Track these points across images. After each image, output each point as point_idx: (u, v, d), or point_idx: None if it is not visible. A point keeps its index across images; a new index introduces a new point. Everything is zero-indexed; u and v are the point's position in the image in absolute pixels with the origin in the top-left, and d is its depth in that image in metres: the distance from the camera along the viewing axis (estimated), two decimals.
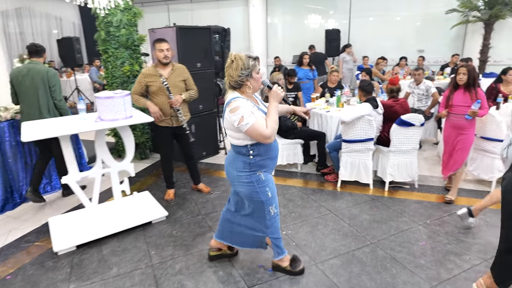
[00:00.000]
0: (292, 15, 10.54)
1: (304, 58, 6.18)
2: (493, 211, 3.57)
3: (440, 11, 8.69)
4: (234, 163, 2.35)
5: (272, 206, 2.43)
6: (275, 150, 2.37)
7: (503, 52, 8.63)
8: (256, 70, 2.20)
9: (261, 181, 2.34)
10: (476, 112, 3.49)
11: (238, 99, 2.16)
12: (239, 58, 2.14)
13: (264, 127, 2.14)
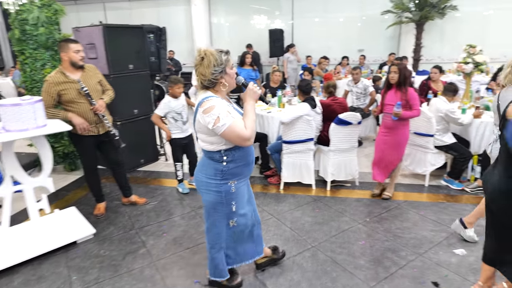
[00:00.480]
0: (236, 15, 10.43)
1: (247, 58, 6.04)
2: (428, 205, 3.69)
3: (376, 12, 9.08)
4: (204, 169, 2.17)
5: (232, 220, 2.27)
6: (251, 155, 2.20)
7: (434, 51, 9.23)
8: (230, 65, 2.01)
9: (230, 193, 2.16)
10: (398, 113, 3.43)
11: (212, 98, 1.96)
12: (210, 53, 1.94)
13: (242, 128, 1.95)
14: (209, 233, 2.32)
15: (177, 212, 3.71)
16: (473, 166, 4.12)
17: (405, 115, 3.48)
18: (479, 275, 2.58)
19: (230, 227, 2.29)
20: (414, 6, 8.27)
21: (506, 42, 9.06)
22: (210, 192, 2.15)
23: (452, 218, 3.38)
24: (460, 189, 3.97)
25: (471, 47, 4.48)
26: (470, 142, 4.09)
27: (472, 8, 8.91)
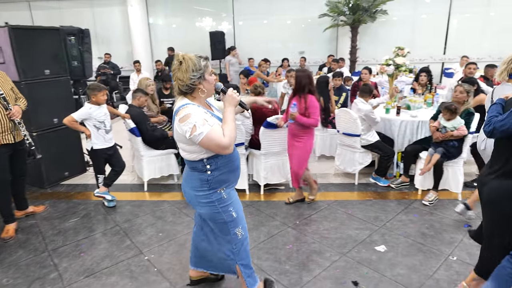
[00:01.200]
0: (176, 17, 10.16)
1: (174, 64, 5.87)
2: (356, 203, 3.79)
3: (315, 15, 9.32)
4: (190, 182, 2.06)
5: (238, 228, 2.15)
6: (236, 160, 2.11)
7: (369, 53, 9.68)
8: (209, 71, 1.95)
9: (223, 200, 2.05)
10: (293, 115, 3.39)
11: (188, 106, 1.87)
12: (189, 58, 1.87)
13: (220, 136, 1.85)
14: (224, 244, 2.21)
15: (100, 228, 3.45)
16: (397, 163, 4.32)
17: (300, 119, 3.39)
18: (397, 270, 2.69)
19: (239, 237, 2.17)
20: (348, 10, 8.61)
21: (432, 44, 9.80)
22: (202, 204, 2.06)
23: (376, 215, 3.51)
24: (387, 186, 4.13)
25: (400, 49, 4.71)
26: (394, 140, 4.29)
27: (401, 13, 9.49)
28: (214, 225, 2.16)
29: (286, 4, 9.48)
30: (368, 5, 8.34)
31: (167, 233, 3.32)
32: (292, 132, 3.60)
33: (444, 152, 3.67)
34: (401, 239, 3.08)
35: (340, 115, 4.18)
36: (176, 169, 4.42)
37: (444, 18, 9.61)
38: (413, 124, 4.18)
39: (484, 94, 4.37)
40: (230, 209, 2.09)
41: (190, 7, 9.84)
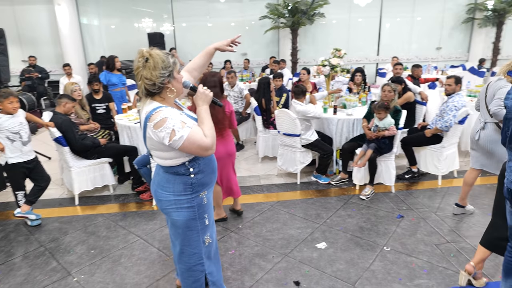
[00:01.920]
0: (112, 18, 9.61)
1: (117, 62, 5.52)
2: (298, 202, 3.82)
3: (256, 18, 9.41)
4: (170, 186, 1.89)
5: (206, 235, 2.04)
6: (214, 161, 2.02)
7: (310, 54, 10.00)
8: (177, 68, 1.78)
9: (203, 206, 1.96)
10: None
11: (161, 109, 1.69)
12: (156, 54, 1.68)
13: (202, 137, 1.72)
14: (183, 256, 2.05)
15: (20, 251, 3.09)
16: (336, 160, 4.46)
17: None
18: (336, 265, 2.74)
19: (206, 245, 2.06)
20: (287, 12, 8.80)
21: (366, 46, 10.40)
22: (182, 209, 1.91)
23: (317, 212, 3.58)
24: (327, 183, 4.25)
25: (337, 50, 4.85)
26: (332, 139, 4.42)
27: (337, 16, 9.93)
28: (181, 230, 1.99)
29: (228, 6, 9.45)
30: (306, 8, 8.59)
31: (100, 249, 3.07)
32: None
33: (377, 148, 3.86)
34: (340, 235, 3.17)
35: (280, 116, 4.21)
36: (111, 179, 4.14)
37: (377, 22, 10.24)
38: (349, 122, 4.35)
39: (411, 92, 4.69)
40: (205, 216, 2.00)
41: (128, 7, 9.36)
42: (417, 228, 3.22)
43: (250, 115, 5.68)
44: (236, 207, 3.60)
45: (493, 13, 9.81)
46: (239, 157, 5.32)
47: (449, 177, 4.26)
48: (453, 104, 3.81)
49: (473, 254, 2.79)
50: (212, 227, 2.11)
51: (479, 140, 3.12)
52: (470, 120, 4.59)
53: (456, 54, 10.82)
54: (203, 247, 2.05)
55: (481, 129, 3.10)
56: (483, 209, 3.52)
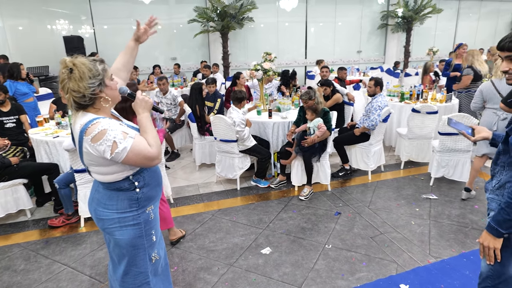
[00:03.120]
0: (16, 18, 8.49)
1: (22, 69, 4.91)
2: (240, 209, 3.77)
3: (184, 21, 9.16)
4: (113, 204, 1.72)
5: (153, 253, 1.89)
6: (159, 172, 1.90)
7: (241, 58, 10.06)
8: (108, 75, 1.62)
9: (149, 222, 1.81)
10: None
11: (98, 120, 1.53)
12: (81, 63, 1.52)
13: (146, 146, 1.60)
14: (127, 277, 1.85)
15: None
16: (274, 163, 4.52)
17: None
18: (282, 270, 2.74)
19: (153, 263, 1.90)
20: (216, 16, 8.74)
21: (295, 50, 10.81)
22: (127, 227, 1.75)
23: (260, 217, 3.56)
24: (267, 187, 4.27)
25: (268, 54, 4.90)
26: (269, 142, 4.46)
27: (266, 20, 10.15)
28: (125, 250, 1.80)
29: (153, 8, 9.02)
30: (234, 12, 8.61)
31: (17, 286, 2.67)
32: None
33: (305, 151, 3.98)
34: (284, 238, 3.19)
35: (216, 122, 4.12)
36: (27, 202, 3.65)
37: (303, 26, 10.71)
38: (285, 125, 4.44)
39: (339, 93, 4.95)
40: (152, 232, 1.85)
41: (37, 7, 8.37)
42: (354, 223, 3.39)
43: (184, 122, 5.49)
44: (170, 237, 3.20)
45: (403, 20, 10.93)
46: (175, 166, 5.10)
47: (377, 171, 4.59)
48: (377, 105, 4.11)
49: (404, 243, 3.03)
50: (160, 243, 1.98)
51: (497, 130, 3.45)
52: (392, 118, 5.03)
53: (374, 56, 11.82)
54: (149, 265, 1.89)
55: (499, 120, 3.48)
56: (408, 199, 3.84)
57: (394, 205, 3.74)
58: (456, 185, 4.10)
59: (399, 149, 4.89)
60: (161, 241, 2.00)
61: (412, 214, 3.52)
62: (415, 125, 4.50)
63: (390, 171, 4.65)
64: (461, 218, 3.43)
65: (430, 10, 10.71)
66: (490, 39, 12.69)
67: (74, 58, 1.56)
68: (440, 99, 5.13)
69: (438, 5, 10.87)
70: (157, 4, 8.83)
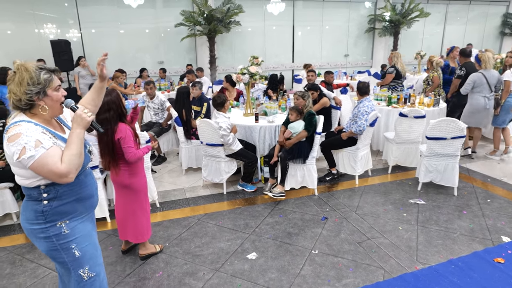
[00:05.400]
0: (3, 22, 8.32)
1: (8, 75, 4.81)
2: (226, 213, 3.73)
3: (171, 25, 9.10)
4: (24, 213, 1.74)
5: (83, 269, 1.82)
6: (87, 186, 1.83)
7: (228, 62, 10.05)
8: (54, 86, 1.66)
9: (63, 236, 1.73)
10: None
11: (21, 123, 1.58)
12: (25, 69, 1.59)
13: (56, 161, 1.57)
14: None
15: None
16: (261, 167, 4.50)
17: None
18: (268, 275, 2.72)
19: (85, 280, 1.83)
20: (203, 20, 8.70)
21: (282, 53, 10.85)
22: (39, 239, 1.73)
23: (246, 222, 3.54)
24: (253, 191, 4.25)
25: (255, 58, 4.89)
26: (256, 146, 4.45)
27: (253, 24, 10.17)
28: (55, 263, 1.84)
29: (140, 12, 8.94)
30: (221, 16, 8.60)
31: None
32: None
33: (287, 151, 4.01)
34: (270, 243, 3.17)
35: (202, 126, 4.09)
36: (13, 205, 3.58)
37: (290, 30, 10.76)
38: (271, 129, 4.43)
39: (326, 97, 4.98)
40: (72, 247, 1.77)
41: (23, 11, 8.21)
42: (341, 228, 3.39)
43: (171, 126, 5.44)
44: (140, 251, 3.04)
45: (390, 23, 11.08)
46: (162, 170, 5.05)
47: (364, 176, 4.62)
48: (364, 109, 4.14)
49: (391, 249, 3.04)
50: (94, 259, 1.86)
51: (489, 108, 4.96)
52: (379, 122, 5.08)
53: (362, 60, 11.94)
54: (82, 282, 1.83)
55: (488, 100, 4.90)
56: (395, 204, 3.86)
57: (382, 210, 3.75)
58: (444, 190, 4.13)
59: (386, 153, 4.92)
60: (95, 258, 1.88)
61: (399, 219, 3.54)
62: (403, 130, 4.54)
63: (377, 176, 4.68)
64: (449, 223, 3.44)
65: (418, 14, 10.85)
66: (479, 42, 12.96)
67: (24, 63, 1.62)
68: (428, 104, 5.20)
69: (426, 9, 11.01)
70: (144, 8, 8.74)
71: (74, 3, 8.58)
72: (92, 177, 1.90)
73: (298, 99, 4.09)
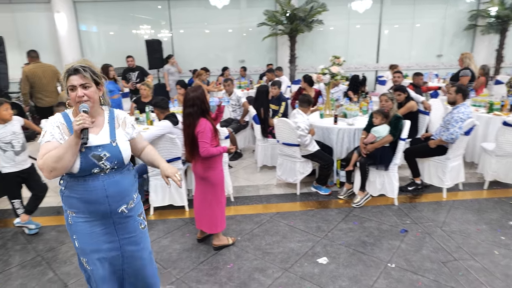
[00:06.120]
0: (110, 24, 9.54)
1: (111, 71, 5.47)
2: (298, 214, 3.71)
3: (253, 24, 9.36)
4: None
5: (82, 258, 1.91)
6: (92, 191, 1.76)
7: (308, 61, 9.94)
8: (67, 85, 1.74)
9: (68, 223, 1.85)
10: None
11: (59, 113, 1.84)
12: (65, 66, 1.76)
13: (41, 155, 1.68)
14: None
15: (17, 260, 3.02)
16: (337, 171, 4.36)
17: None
18: (338, 282, 2.63)
19: (85, 266, 1.93)
20: (285, 19, 8.75)
21: (365, 53, 10.35)
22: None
23: (318, 225, 3.47)
24: (328, 194, 4.14)
25: (336, 58, 4.77)
26: (333, 149, 4.33)
27: (336, 23, 9.89)
28: None
29: (226, 12, 9.39)
30: (304, 15, 8.54)
31: None
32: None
33: (369, 157, 3.79)
34: (342, 249, 3.06)
35: (279, 125, 4.12)
36: None
37: (376, 28, 10.20)
38: (350, 132, 4.26)
39: (413, 101, 4.61)
40: (74, 237, 1.87)
41: (126, 14, 9.30)
42: (423, 244, 3.10)
43: (248, 123, 5.59)
44: (213, 242, 3.17)
45: (497, 19, 9.75)
46: (237, 166, 5.22)
47: (454, 189, 4.14)
48: (459, 116, 3.71)
49: (483, 274, 2.69)
50: (90, 255, 1.87)
51: None
52: (476, 131, 4.50)
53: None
54: (83, 267, 1.94)
55: None
56: (491, 225, 3.40)
57: (474, 229, 3.33)
58: None
59: (483, 166, 4.32)
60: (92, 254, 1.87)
61: (495, 243, 3.10)
62: (506, 141, 3.94)
63: (470, 191, 4.17)
64: None
65: None
66: None
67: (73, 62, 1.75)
68: None
69: None
70: (229, 8, 9.14)
71: (167, 5, 9.39)
72: (103, 185, 1.77)
73: (387, 101, 3.82)
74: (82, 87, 1.71)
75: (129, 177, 1.91)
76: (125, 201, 1.87)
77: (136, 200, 1.98)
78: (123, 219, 1.90)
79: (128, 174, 1.91)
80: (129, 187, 1.90)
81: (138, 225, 1.98)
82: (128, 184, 1.89)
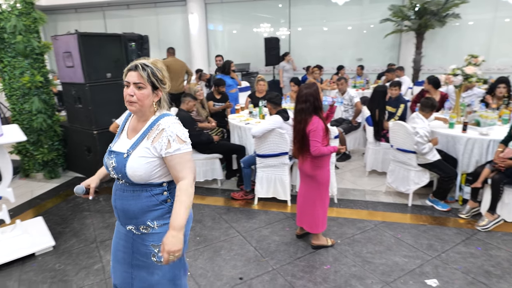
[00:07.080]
0: (234, 24, 10.35)
1: (232, 67, 5.96)
2: (407, 227, 3.43)
3: (376, 21, 8.85)
4: None
5: None
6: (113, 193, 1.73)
7: (436, 61, 8.91)
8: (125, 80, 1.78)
9: None
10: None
11: None
12: None
13: None
14: None
15: None
16: (461, 186, 3.84)
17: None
18: None
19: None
20: (413, 14, 8.00)
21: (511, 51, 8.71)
22: None
23: (430, 242, 3.14)
24: (446, 210, 3.69)
25: (473, 57, 4.19)
26: (457, 160, 3.82)
27: (477, 16, 8.57)
28: None
29: (346, 9, 9.13)
30: (437, 9, 7.65)
31: (204, 237, 3.31)
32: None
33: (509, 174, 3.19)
34: (458, 275, 2.70)
35: (395, 129, 3.84)
36: (220, 173, 4.44)
37: None
38: (483, 143, 3.68)
39: None
40: None
41: (249, 13, 9.96)
42: None
43: (360, 124, 5.36)
44: (312, 241, 3.16)
45: None
46: (344, 168, 5.08)
47: None
48: None
49: None
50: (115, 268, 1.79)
51: None
52: None
53: None
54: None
55: None
56: None
57: None
58: None
59: None
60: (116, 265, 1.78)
61: None
62: None
63: None
64: None
65: None
66: None
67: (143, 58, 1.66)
68: None
69: None
70: (350, 5, 8.87)
71: (287, 4, 9.65)
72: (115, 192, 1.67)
73: None
74: (135, 86, 1.55)
75: (141, 201, 1.59)
76: (132, 223, 1.63)
77: (156, 230, 1.62)
78: (135, 236, 1.66)
79: (141, 197, 1.60)
80: (137, 210, 1.60)
81: (150, 254, 1.64)
82: (135, 207, 1.60)
